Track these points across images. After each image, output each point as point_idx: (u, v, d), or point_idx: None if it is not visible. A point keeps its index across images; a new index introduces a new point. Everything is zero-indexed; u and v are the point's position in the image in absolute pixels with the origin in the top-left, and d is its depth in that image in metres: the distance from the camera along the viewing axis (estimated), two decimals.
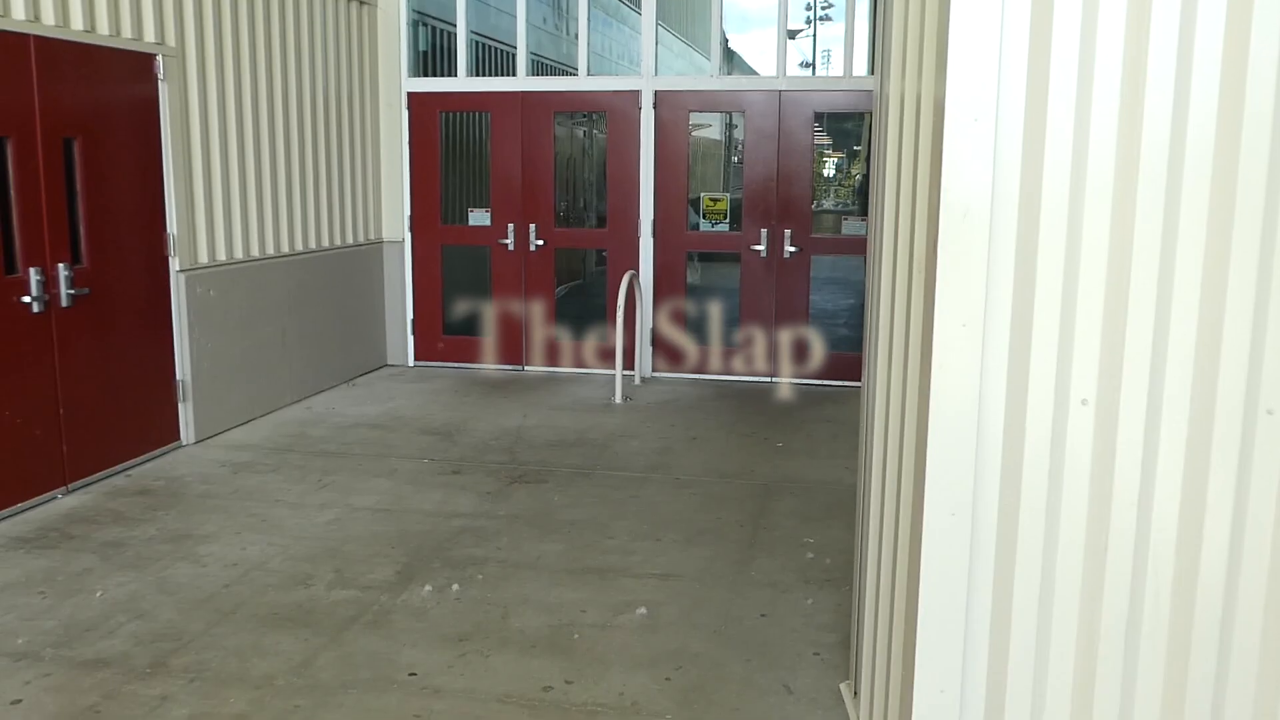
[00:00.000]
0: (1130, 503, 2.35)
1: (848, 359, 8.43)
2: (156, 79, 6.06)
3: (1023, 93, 2.27)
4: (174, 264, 6.25)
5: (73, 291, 5.46)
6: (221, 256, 6.71)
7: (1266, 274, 2.23)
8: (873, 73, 5.53)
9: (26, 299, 5.21)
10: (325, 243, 7.99)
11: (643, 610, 4.13)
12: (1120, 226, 2.27)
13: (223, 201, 6.69)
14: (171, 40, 6.16)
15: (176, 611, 4.09)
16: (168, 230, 6.21)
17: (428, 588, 4.30)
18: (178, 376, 6.35)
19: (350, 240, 8.38)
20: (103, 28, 5.66)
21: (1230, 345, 2.26)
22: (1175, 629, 2.37)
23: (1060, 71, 2.25)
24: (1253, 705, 2.38)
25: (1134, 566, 2.37)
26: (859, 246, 8.30)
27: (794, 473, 6.03)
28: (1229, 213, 2.22)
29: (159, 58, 6.05)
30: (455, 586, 4.32)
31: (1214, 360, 2.27)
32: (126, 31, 5.84)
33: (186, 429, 6.43)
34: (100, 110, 5.66)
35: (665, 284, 8.66)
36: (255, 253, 7.07)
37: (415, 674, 3.63)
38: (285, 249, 7.44)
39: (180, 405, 6.38)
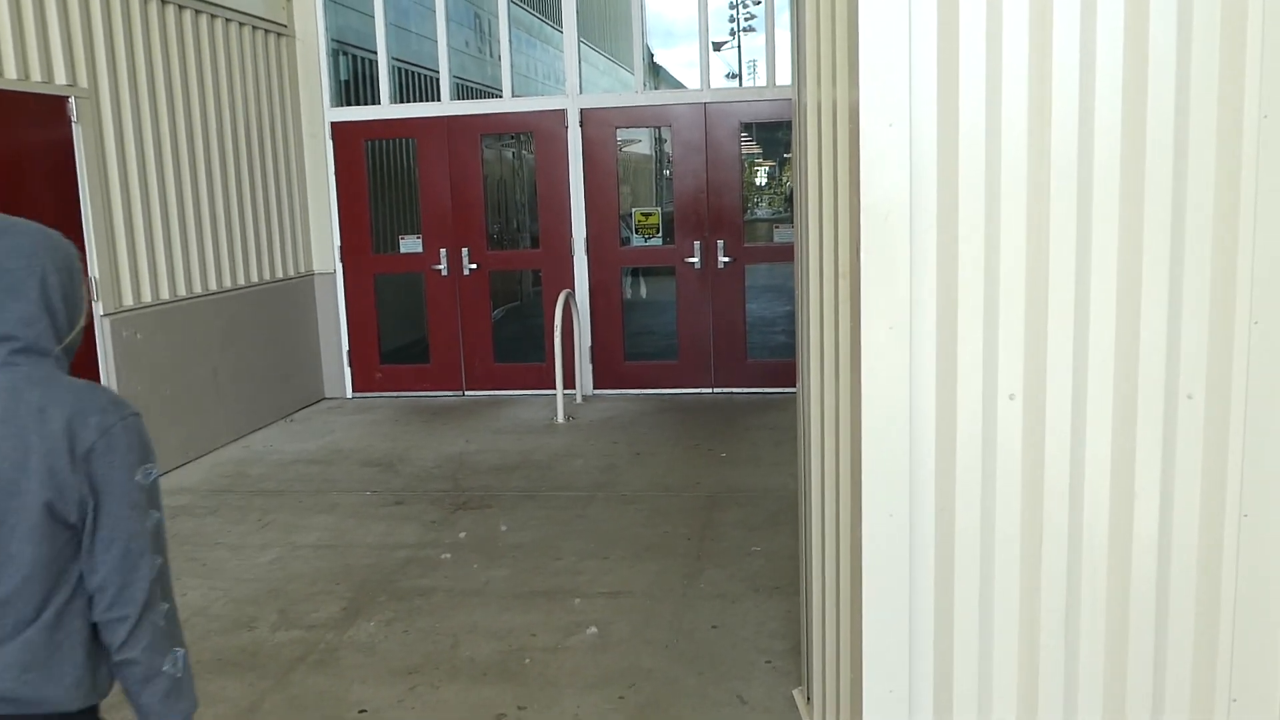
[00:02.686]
0: (1061, 493, 2.39)
1: (786, 365, 8.48)
2: (70, 121, 5.93)
3: (934, 95, 2.30)
4: (97, 308, 6.12)
5: None
6: (147, 298, 6.58)
7: (1178, 262, 2.28)
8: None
9: None
10: (254, 278, 7.87)
11: (593, 630, 4.11)
12: (1036, 223, 2.31)
13: (145, 242, 6.56)
14: (84, 81, 6.04)
15: None
16: (89, 274, 6.07)
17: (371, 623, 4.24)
18: None
19: (280, 274, 8.27)
20: (10, 71, 5.54)
21: (1148, 334, 2.31)
22: (1112, 615, 2.41)
23: (969, 73, 2.29)
24: (1190, 687, 2.42)
25: (1069, 556, 2.41)
26: (791, 254, 8.37)
27: (738, 482, 6.04)
28: (1139, 205, 2.27)
29: (71, 100, 5.92)
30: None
31: (1133, 349, 2.32)
32: (36, 75, 5.71)
33: None
34: (11, 155, 5.53)
35: (601, 301, 8.66)
36: (182, 292, 6.94)
37: (365, 710, 3.56)
38: (214, 286, 7.31)
39: None
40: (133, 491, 1.67)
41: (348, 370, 8.97)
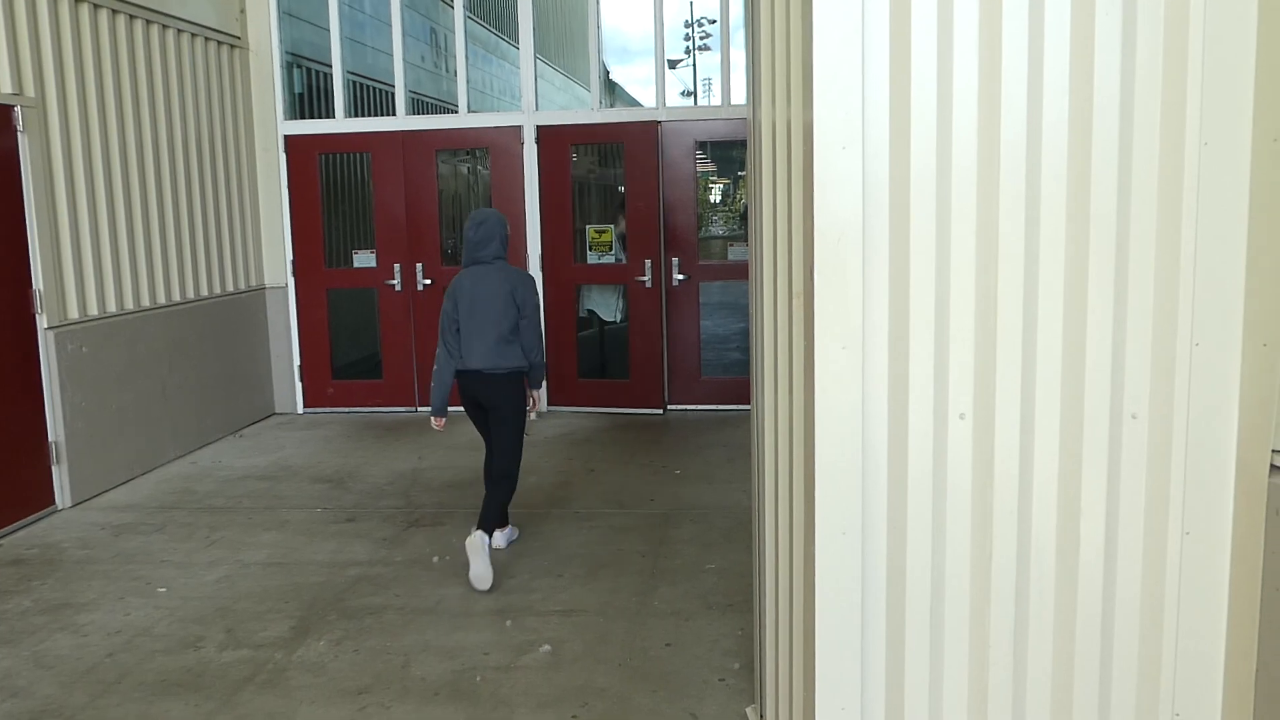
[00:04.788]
0: (1010, 511, 2.42)
1: (740, 383, 8.52)
2: (16, 131, 5.83)
3: (886, 119, 2.34)
4: (41, 321, 6.00)
5: None
6: (94, 311, 6.47)
7: (1122, 285, 2.34)
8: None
9: None
10: (204, 291, 7.77)
11: (547, 648, 4.09)
12: (985, 246, 2.35)
13: (93, 254, 6.45)
14: (31, 90, 5.94)
15: (56, 686, 3.89)
16: (34, 286, 5.96)
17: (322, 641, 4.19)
18: (50, 438, 6.08)
19: (231, 288, 8.17)
20: None
21: (1093, 355, 2.36)
22: (1059, 632, 2.45)
23: (921, 98, 2.33)
24: (1134, 702, 2.46)
25: (1017, 573, 2.44)
26: (746, 272, 8.42)
27: (693, 499, 6.05)
28: (1085, 229, 2.32)
29: (17, 109, 5.82)
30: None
31: (1079, 370, 2.37)
32: None
33: (62, 492, 6.15)
34: None
35: (556, 317, 8.64)
36: (130, 305, 6.83)
37: None
38: (162, 300, 7.21)
39: (54, 468, 6.11)
40: (533, 299, 4.79)
41: (299, 385, 8.87)
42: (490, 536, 4.76)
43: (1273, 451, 2.31)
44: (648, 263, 8.48)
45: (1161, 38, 2.27)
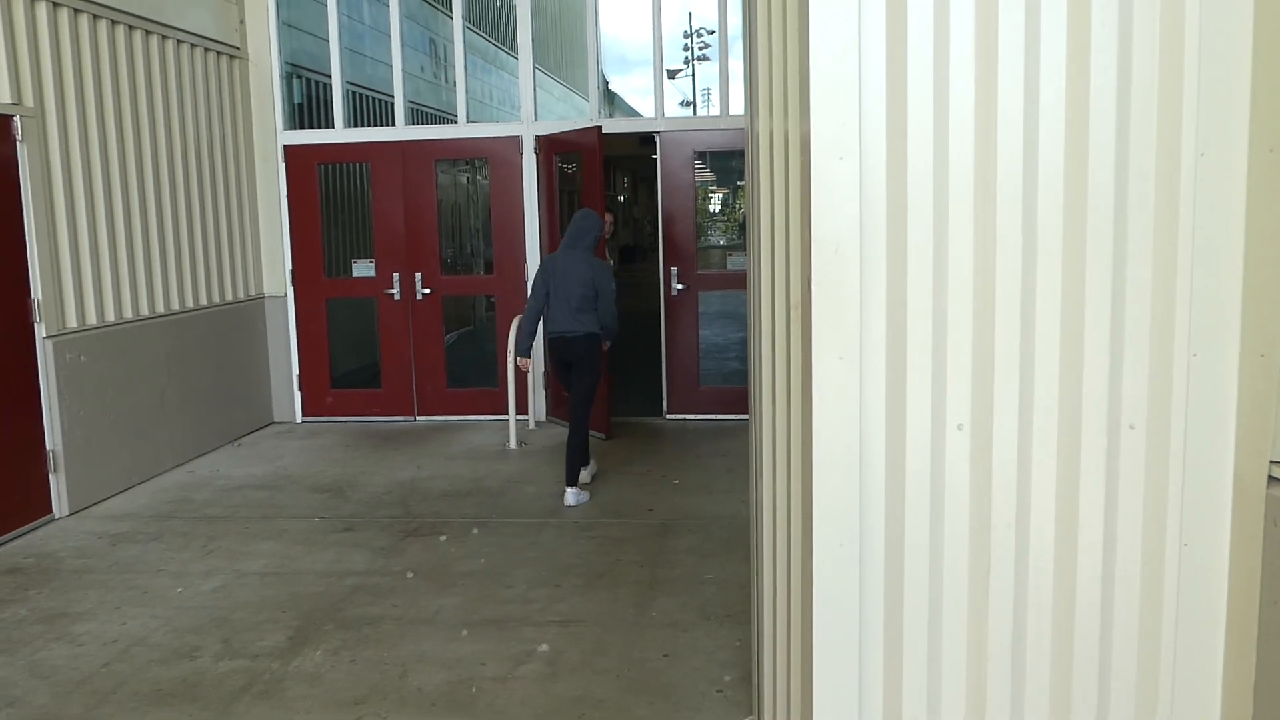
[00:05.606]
0: (1008, 522, 2.41)
1: (739, 392, 8.52)
2: (15, 140, 5.83)
3: (884, 130, 2.34)
4: (40, 330, 6.00)
5: None
6: (93, 320, 6.47)
7: (1120, 295, 2.33)
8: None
9: None
10: (204, 300, 7.77)
11: (545, 647, 4.08)
12: (982, 256, 2.35)
13: (92, 263, 6.45)
14: (30, 100, 5.95)
15: (51, 696, 3.88)
16: (32, 296, 5.96)
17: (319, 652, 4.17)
18: (48, 447, 6.07)
19: (230, 297, 8.17)
20: None
21: (1091, 366, 2.36)
22: (1057, 644, 2.44)
23: (917, 108, 2.33)
24: (1133, 709, 2.45)
25: (1015, 585, 2.43)
26: (745, 281, 8.42)
27: (691, 509, 6.05)
28: (1082, 239, 2.32)
29: (16, 119, 5.83)
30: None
31: (1077, 381, 2.36)
32: None
33: (59, 501, 6.14)
34: None
35: None
36: (129, 314, 6.83)
37: None
38: (161, 309, 7.21)
39: (51, 476, 6.10)
40: (609, 284, 6.26)
41: (298, 394, 8.87)
42: (575, 485, 6.28)
43: (1270, 462, 2.31)
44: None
45: (1157, 49, 2.27)
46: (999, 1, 2.29)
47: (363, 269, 8.80)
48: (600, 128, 7.67)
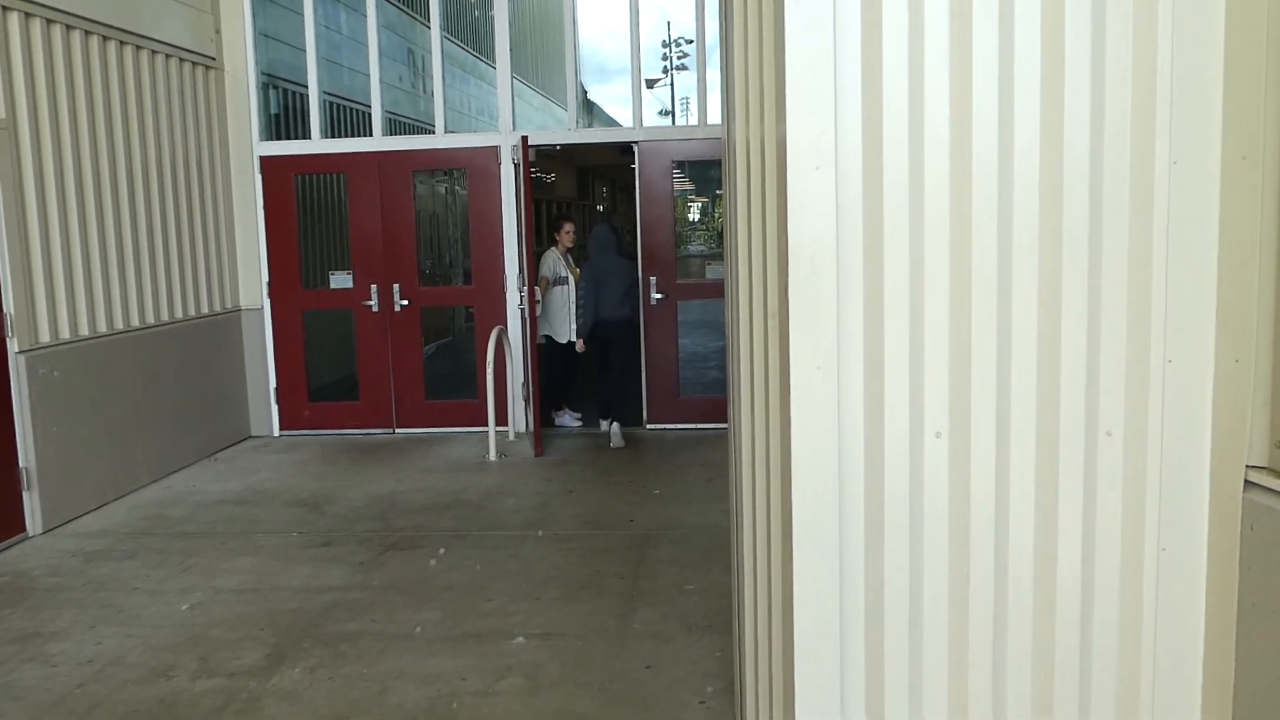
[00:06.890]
0: (987, 529, 2.41)
1: (719, 402, 8.52)
2: None
3: (859, 140, 2.34)
4: (12, 345, 5.93)
5: None
6: (66, 334, 6.40)
7: (1095, 303, 2.34)
8: None
9: None
10: (179, 314, 7.71)
11: (520, 639, 4.06)
12: (959, 265, 2.35)
13: (65, 276, 6.39)
14: (1, 111, 5.89)
15: (25, 717, 3.82)
16: (4, 310, 5.89)
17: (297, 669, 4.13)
18: (20, 464, 6.00)
19: (206, 310, 8.11)
20: None
21: (1068, 373, 2.36)
22: (1037, 650, 2.44)
23: (893, 119, 2.33)
24: (1114, 713, 2.45)
25: (995, 592, 2.43)
26: (724, 290, 8.43)
27: (672, 520, 6.03)
28: (1057, 247, 2.33)
29: None
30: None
31: (1054, 388, 2.37)
32: None
33: (33, 519, 6.07)
34: None
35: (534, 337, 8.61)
36: (104, 328, 6.76)
37: None
38: (136, 322, 7.14)
39: (25, 494, 6.03)
40: (635, 276, 8.28)
41: (275, 408, 8.80)
42: (612, 423, 8.17)
43: (1246, 467, 2.32)
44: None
45: (1130, 58, 2.29)
46: (974, 13, 2.30)
47: (340, 280, 8.75)
48: (527, 137, 7.75)
